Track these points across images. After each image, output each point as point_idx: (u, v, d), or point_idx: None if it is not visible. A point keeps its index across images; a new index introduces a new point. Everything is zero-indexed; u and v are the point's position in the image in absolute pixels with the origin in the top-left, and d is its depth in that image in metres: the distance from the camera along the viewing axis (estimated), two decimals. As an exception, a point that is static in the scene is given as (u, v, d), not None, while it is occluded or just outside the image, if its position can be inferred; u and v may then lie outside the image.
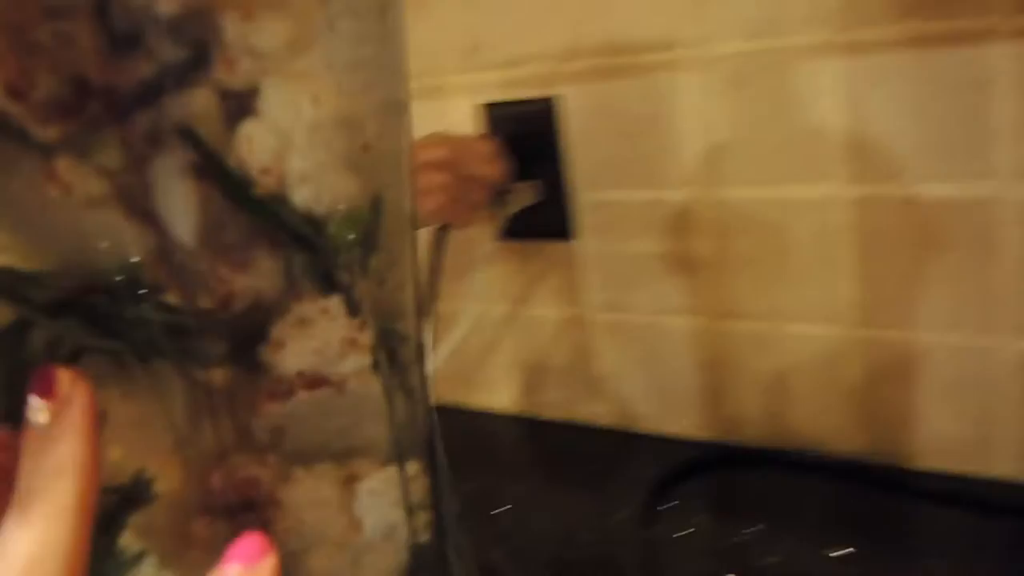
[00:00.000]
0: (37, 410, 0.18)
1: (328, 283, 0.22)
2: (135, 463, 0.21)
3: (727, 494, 0.69)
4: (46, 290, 0.19)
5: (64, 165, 0.18)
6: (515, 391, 0.88)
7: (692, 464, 0.72)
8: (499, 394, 0.89)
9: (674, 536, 0.64)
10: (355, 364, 0.22)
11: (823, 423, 0.70)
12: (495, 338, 0.87)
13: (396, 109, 0.22)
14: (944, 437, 0.65)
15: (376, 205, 0.21)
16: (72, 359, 0.20)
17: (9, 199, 0.18)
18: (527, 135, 0.78)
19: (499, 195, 0.78)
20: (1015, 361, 0.60)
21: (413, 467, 0.25)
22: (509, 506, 0.72)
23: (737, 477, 0.71)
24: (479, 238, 0.83)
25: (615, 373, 0.80)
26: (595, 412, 0.83)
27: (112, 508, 0.21)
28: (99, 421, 0.19)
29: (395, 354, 0.23)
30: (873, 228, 0.62)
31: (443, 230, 0.71)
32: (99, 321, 0.20)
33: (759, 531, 0.62)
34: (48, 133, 0.18)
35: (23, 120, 0.18)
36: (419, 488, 0.25)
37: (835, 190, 0.64)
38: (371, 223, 0.21)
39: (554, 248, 0.79)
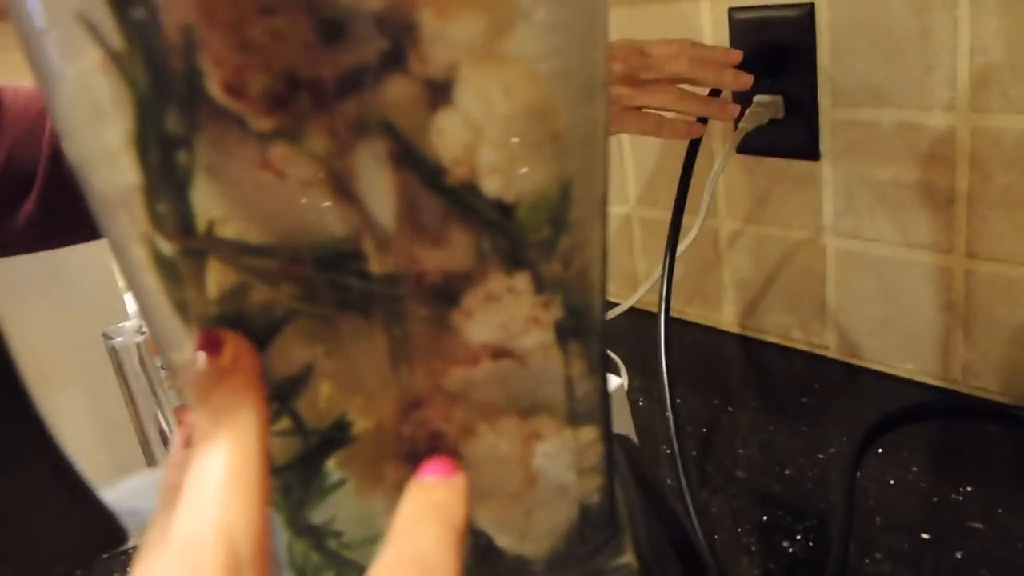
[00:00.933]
0: (205, 361, 0.21)
1: (515, 263, 0.22)
2: (337, 410, 0.24)
3: (948, 446, 0.65)
4: (265, 259, 0.21)
5: (278, 153, 0.20)
6: (739, 310, 0.86)
7: (915, 410, 0.68)
8: (723, 311, 0.87)
9: (880, 483, 0.62)
10: (538, 340, 0.23)
11: (1072, 387, 0.64)
12: (724, 254, 0.85)
13: (591, 92, 0.21)
14: None
15: (565, 191, 0.22)
16: (285, 320, 0.22)
17: (231, 180, 0.20)
18: (777, 44, 0.73)
19: (741, 108, 0.75)
20: None
21: (589, 434, 0.26)
22: (717, 427, 0.73)
23: (962, 430, 0.67)
24: (716, 150, 0.80)
25: (845, 303, 0.77)
26: (819, 341, 0.80)
27: (314, 447, 0.24)
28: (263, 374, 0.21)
29: (578, 329, 0.24)
30: None
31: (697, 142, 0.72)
32: (309, 287, 0.22)
33: (973, 492, 0.59)
34: (263, 124, 0.19)
35: (241, 112, 0.19)
36: (593, 454, 0.26)
37: (1125, 129, 0.56)
38: (559, 208, 0.22)
39: (794, 166, 0.76)
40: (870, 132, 0.70)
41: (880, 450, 0.65)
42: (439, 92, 0.20)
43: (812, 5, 0.70)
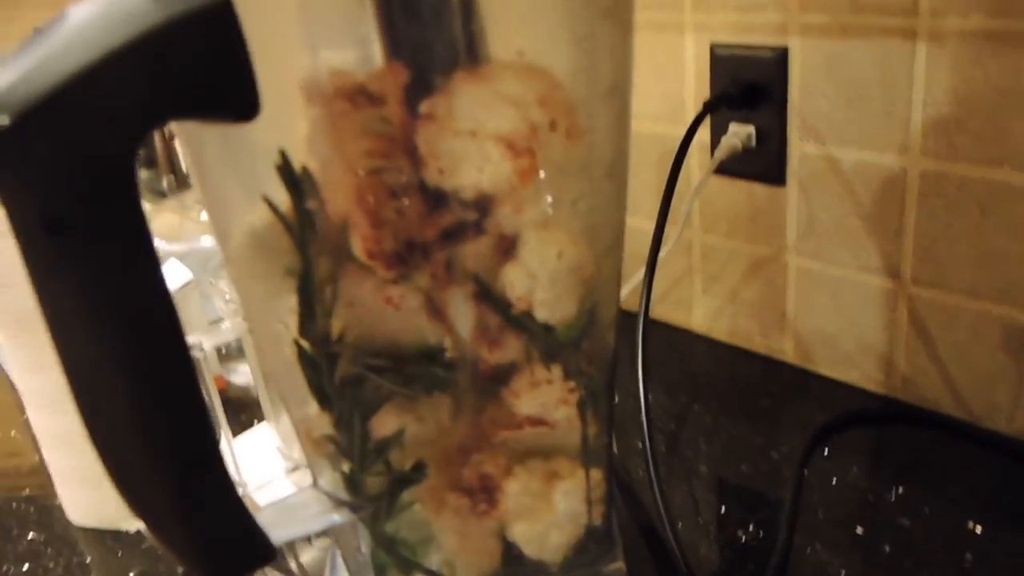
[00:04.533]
0: None
1: (552, 360, 0.31)
2: (416, 456, 0.32)
3: (886, 450, 0.75)
4: (377, 359, 0.29)
5: (396, 292, 0.28)
6: (708, 314, 0.95)
7: (858, 414, 0.78)
8: (693, 314, 0.96)
9: (824, 481, 0.71)
10: (565, 413, 0.32)
11: (996, 401, 0.73)
12: (697, 263, 0.94)
13: (615, 250, 0.30)
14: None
15: (591, 316, 0.30)
16: (386, 398, 0.30)
17: (360, 307, 0.28)
18: (753, 80, 0.82)
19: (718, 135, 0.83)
20: None
21: (597, 475, 0.34)
22: (683, 423, 0.82)
23: (898, 435, 0.77)
24: (696, 170, 0.89)
25: (802, 315, 0.86)
26: (778, 347, 0.89)
27: (397, 482, 0.33)
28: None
29: (593, 404, 0.33)
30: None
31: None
32: (405, 377, 0.30)
33: (904, 492, 0.69)
34: (388, 275, 0.28)
35: (374, 266, 0.28)
36: (599, 490, 0.35)
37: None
38: (586, 326, 0.30)
39: (763, 190, 0.84)
40: (832, 165, 0.79)
41: (826, 451, 0.75)
42: (509, 247, 0.29)
43: (786, 48, 0.79)
